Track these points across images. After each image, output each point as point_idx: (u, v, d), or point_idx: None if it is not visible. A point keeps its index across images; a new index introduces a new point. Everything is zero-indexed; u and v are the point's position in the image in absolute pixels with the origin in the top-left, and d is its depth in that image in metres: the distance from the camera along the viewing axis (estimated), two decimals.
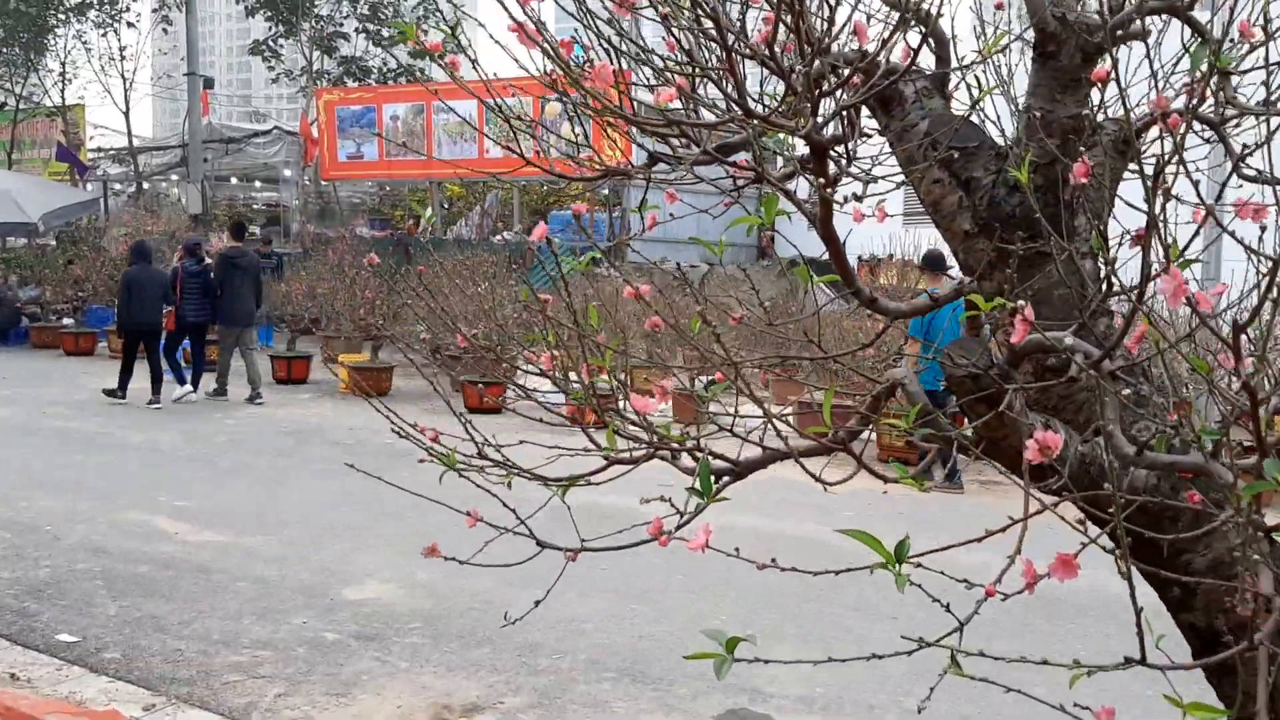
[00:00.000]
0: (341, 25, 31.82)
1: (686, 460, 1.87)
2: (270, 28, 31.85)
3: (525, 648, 5.73)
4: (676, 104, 1.82)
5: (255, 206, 33.95)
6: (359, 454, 11.21)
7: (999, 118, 1.97)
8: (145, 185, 32.21)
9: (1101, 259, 1.41)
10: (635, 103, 1.95)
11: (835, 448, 1.66)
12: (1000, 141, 1.83)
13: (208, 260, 15.30)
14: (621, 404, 2.07)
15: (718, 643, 1.44)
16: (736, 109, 1.50)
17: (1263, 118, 1.70)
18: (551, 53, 1.70)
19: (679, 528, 1.80)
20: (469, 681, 5.32)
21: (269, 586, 6.71)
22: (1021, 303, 1.34)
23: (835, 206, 1.43)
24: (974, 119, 1.79)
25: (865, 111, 2.02)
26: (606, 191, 26.33)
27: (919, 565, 1.48)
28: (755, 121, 1.44)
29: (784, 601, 6.50)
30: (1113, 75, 1.63)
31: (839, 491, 1.96)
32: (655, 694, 5.22)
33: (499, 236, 25.46)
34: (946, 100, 1.88)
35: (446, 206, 28.61)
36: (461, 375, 15.14)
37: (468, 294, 16.16)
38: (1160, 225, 1.32)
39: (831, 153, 1.32)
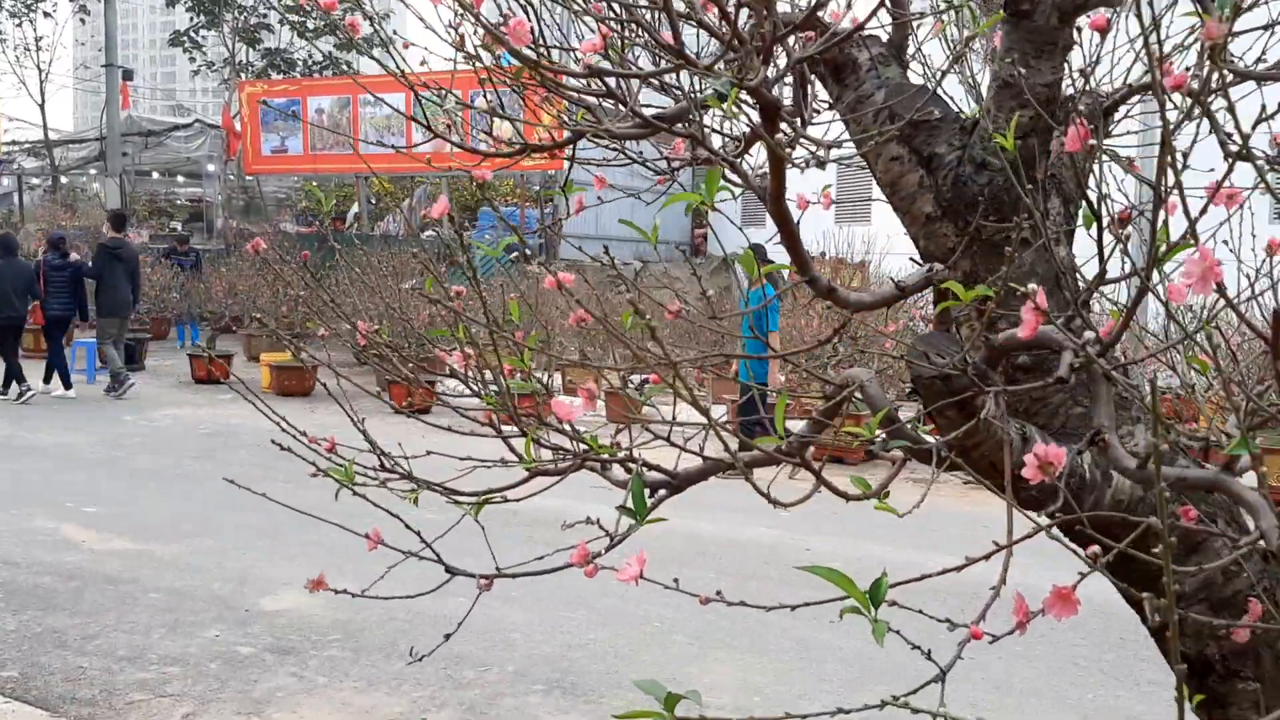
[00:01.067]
0: (265, 16, 31.15)
1: (618, 471, 1.66)
2: (192, 19, 31.10)
3: (450, 660, 5.48)
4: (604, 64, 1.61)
5: (177, 202, 33.14)
6: (281, 458, 10.83)
7: (955, 96, 1.78)
8: (63, 180, 31.28)
9: (1102, 238, 1.23)
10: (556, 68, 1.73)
11: (786, 459, 1.46)
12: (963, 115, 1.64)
13: (74, 255, 14.84)
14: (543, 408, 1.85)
15: (655, 698, 1.24)
16: (672, 58, 1.28)
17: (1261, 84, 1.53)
18: (463, 9, 1.47)
19: (609, 548, 1.59)
20: (391, 697, 5.06)
21: (180, 598, 6.38)
22: (1033, 287, 1.15)
23: (793, 175, 1.23)
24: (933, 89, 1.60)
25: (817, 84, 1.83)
26: (538, 187, 26.04)
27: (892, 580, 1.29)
28: (693, 75, 1.24)
29: (721, 605, 6.31)
30: (1092, 39, 1.45)
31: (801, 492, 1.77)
32: (587, 707, 5.00)
33: (427, 232, 25.05)
34: (904, 68, 1.69)
35: (374, 202, 28.13)
36: (388, 374, 14.78)
37: (395, 290, 15.80)
38: (1157, 204, 1.14)
39: (784, 116, 1.13)
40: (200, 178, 29.63)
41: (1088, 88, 1.68)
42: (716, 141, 2.19)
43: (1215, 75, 1.24)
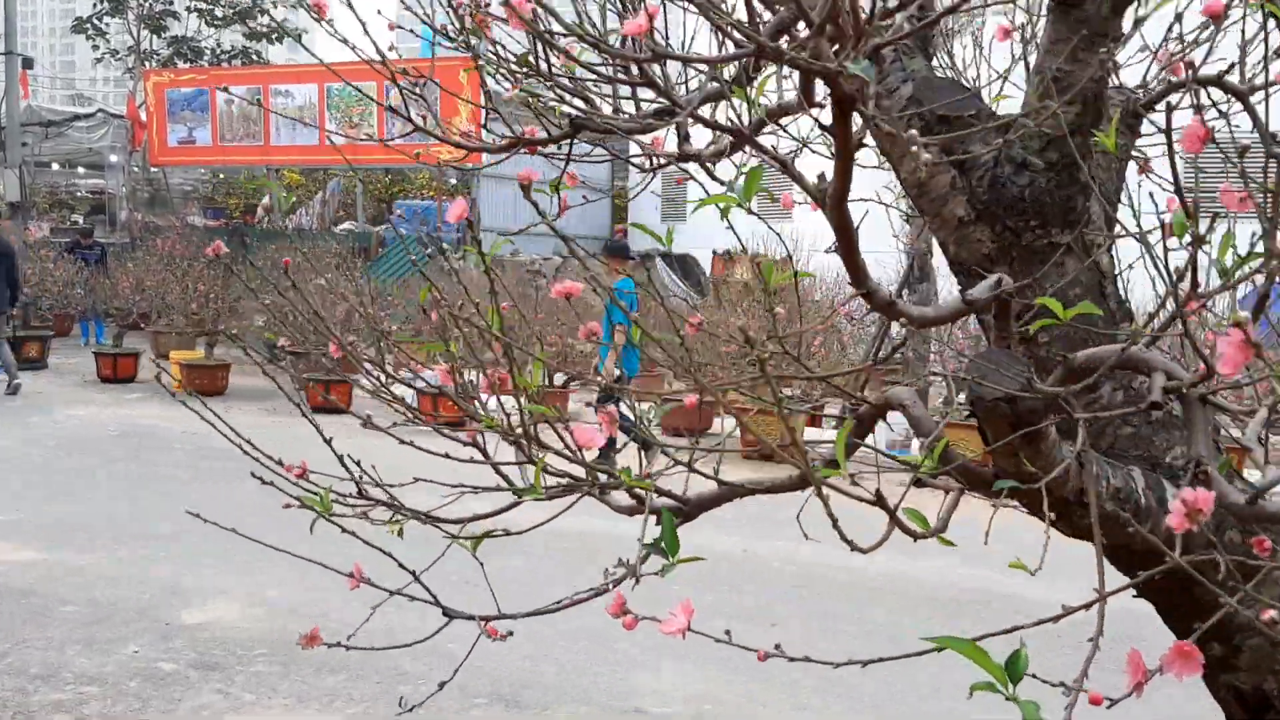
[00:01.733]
0: (171, 3, 30.26)
1: (620, 498, 1.52)
2: (95, 5, 30.07)
3: (386, 674, 5.28)
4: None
5: (79, 194, 32.07)
6: (197, 459, 10.48)
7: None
8: None
9: (1198, 245, 1.11)
10: (553, 57, 1.59)
11: (863, 499, 1.32)
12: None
13: None
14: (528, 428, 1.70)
15: None
16: (742, 41, 1.14)
17: None
18: None
19: (619, 581, 1.44)
20: (324, 715, 4.85)
21: (98, 610, 6.07)
22: (1245, 315, 1.02)
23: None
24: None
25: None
26: (454, 181, 25.69)
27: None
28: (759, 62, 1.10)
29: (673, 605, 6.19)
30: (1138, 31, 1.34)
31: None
32: (531, 717, 4.85)
33: (342, 226, 24.56)
34: (929, 59, 1.57)
35: (285, 194, 27.50)
36: (305, 374, 14.42)
37: (310, 287, 15.40)
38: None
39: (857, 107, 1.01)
40: (102, 169, 28.67)
41: (1121, 85, 1.59)
42: (701, 140, 2.06)
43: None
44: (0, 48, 25.98)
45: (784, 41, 1.20)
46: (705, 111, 1.74)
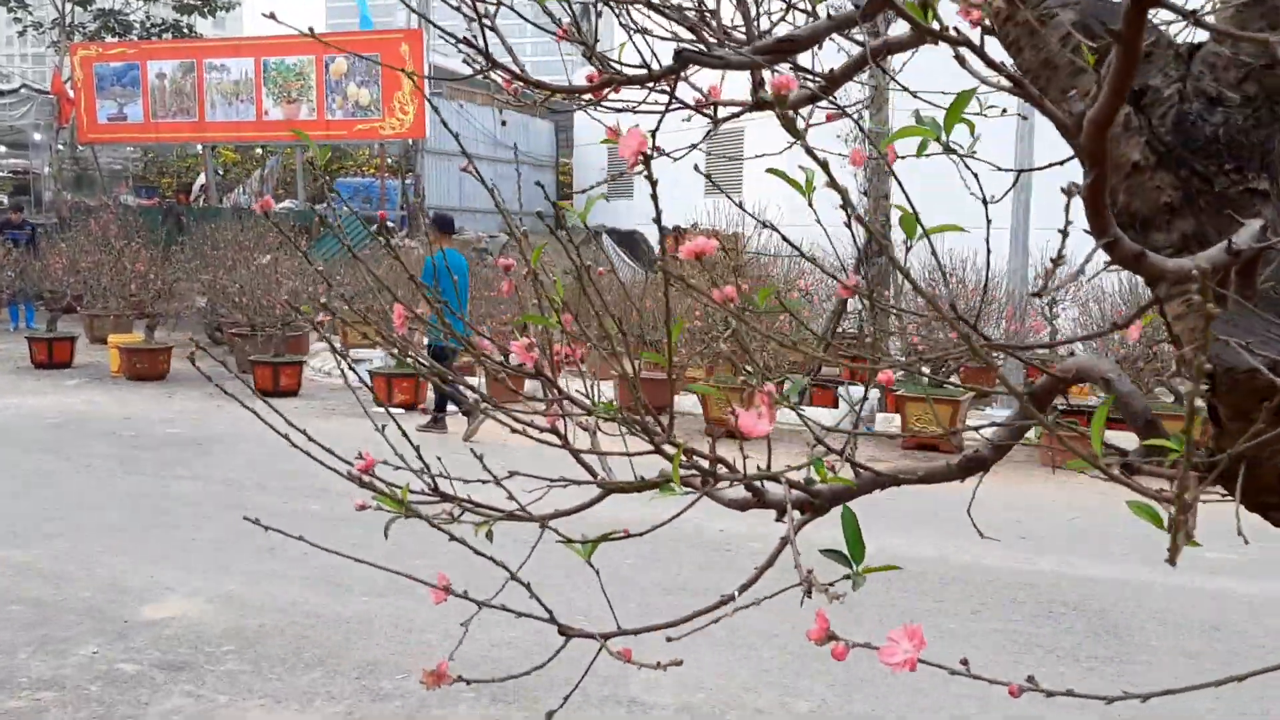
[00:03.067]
0: None
1: (735, 491, 1.31)
2: None
3: (363, 668, 5.03)
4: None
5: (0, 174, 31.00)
6: (139, 447, 10.08)
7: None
8: None
9: None
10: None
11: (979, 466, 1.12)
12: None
13: None
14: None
15: None
16: None
17: None
18: None
19: (745, 601, 1.22)
20: (304, 715, 4.59)
21: (46, 610, 5.73)
22: None
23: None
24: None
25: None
26: (392, 160, 25.18)
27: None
28: None
29: (655, 593, 6.00)
30: None
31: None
32: (523, 714, 4.63)
33: (281, 205, 23.97)
34: None
35: (221, 173, 26.81)
36: (252, 355, 13.99)
37: (251, 267, 14.93)
38: None
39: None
40: (26, 148, 27.72)
41: None
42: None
43: None
44: None
45: None
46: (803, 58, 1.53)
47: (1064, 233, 1.21)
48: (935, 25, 1.05)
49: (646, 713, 4.63)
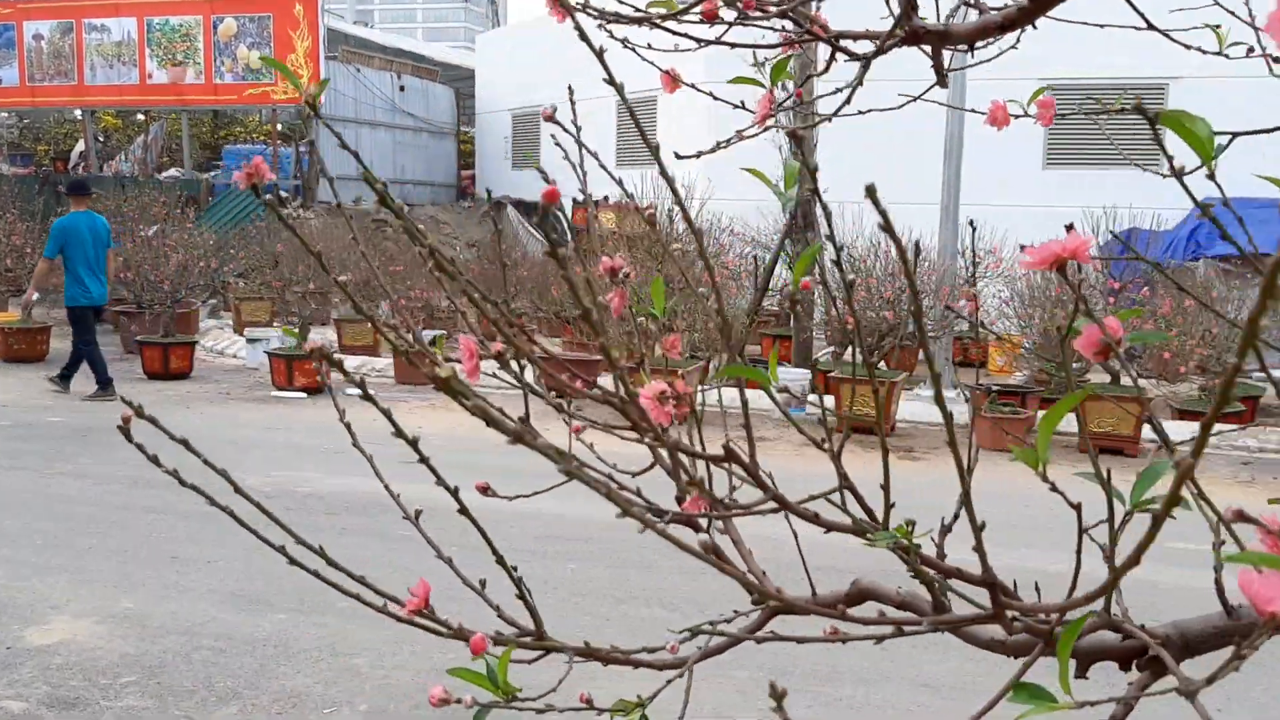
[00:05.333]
0: None
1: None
2: None
3: (285, 700, 4.48)
4: None
5: None
6: (19, 438, 9.26)
7: None
8: None
9: None
10: None
11: None
12: None
13: None
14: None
15: None
16: None
17: None
18: None
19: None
20: None
21: None
22: None
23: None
24: None
25: None
26: (281, 126, 24.13)
27: None
28: None
29: (609, 602, 5.53)
30: None
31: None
32: None
33: (166, 174, 22.81)
34: None
35: (101, 140, 25.43)
36: (139, 335, 13.12)
37: (136, 240, 14.02)
38: None
39: None
40: None
41: None
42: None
43: None
44: None
45: None
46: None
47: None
48: None
49: None
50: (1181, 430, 10.24)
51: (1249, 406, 11.26)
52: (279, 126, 23.89)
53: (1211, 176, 0.89)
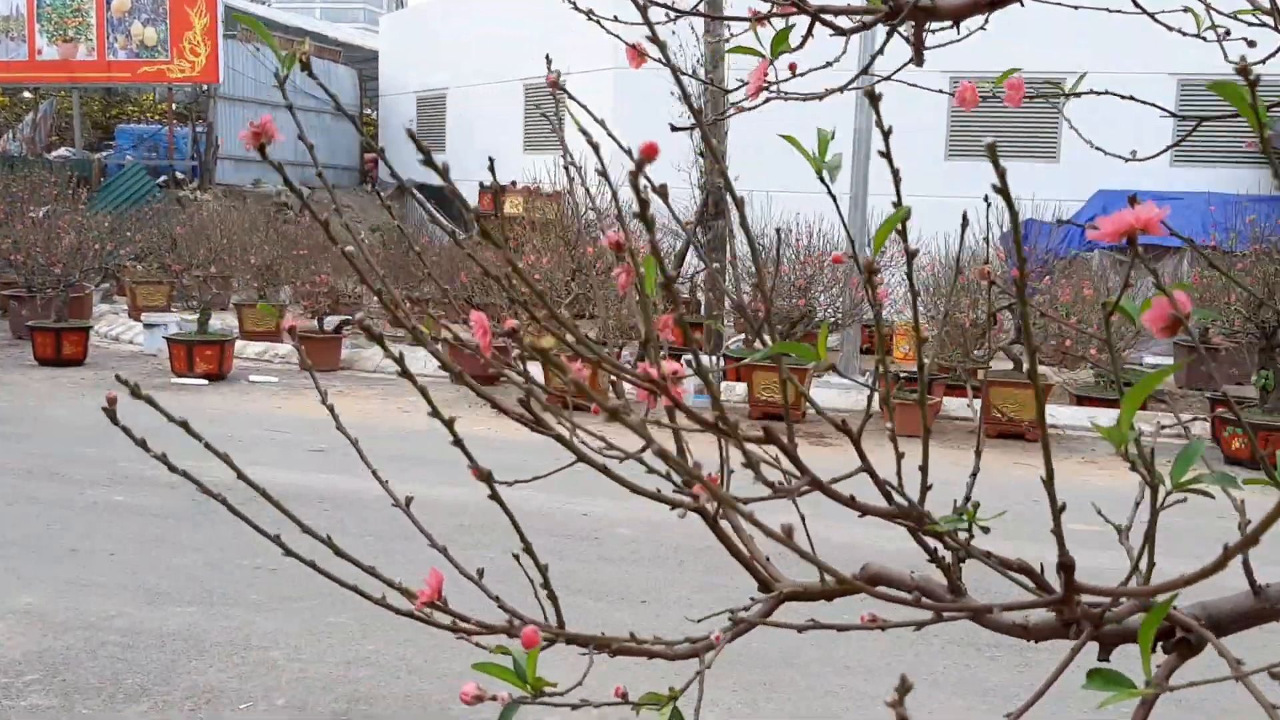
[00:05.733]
0: None
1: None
2: None
3: (199, 696, 4.34)
4: None
5: None
6: None
7: None
8: None
9: None
10: None
11: None
12: None
13: None
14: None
15: None
16: None
17: None
18: None
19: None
20: None
21: None
22: None
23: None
24: None
25: None
26: (176, 105, 23.46)
27: None
28: None
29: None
30: None
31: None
32: None
33: (56, 153, 22.01)
34: None
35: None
36: (30, 319, 12.63)
37: (26, 221, 13.48)
38: None
39: None
40: None
41: None
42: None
43: None
44: None
45: None
46: None
47: None
48: None
49: None
50: (1078, 415, 10.54)
51: None
52: (175, 105, 23.22)
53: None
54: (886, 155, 0.93)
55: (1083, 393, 11.38)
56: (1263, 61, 1.34)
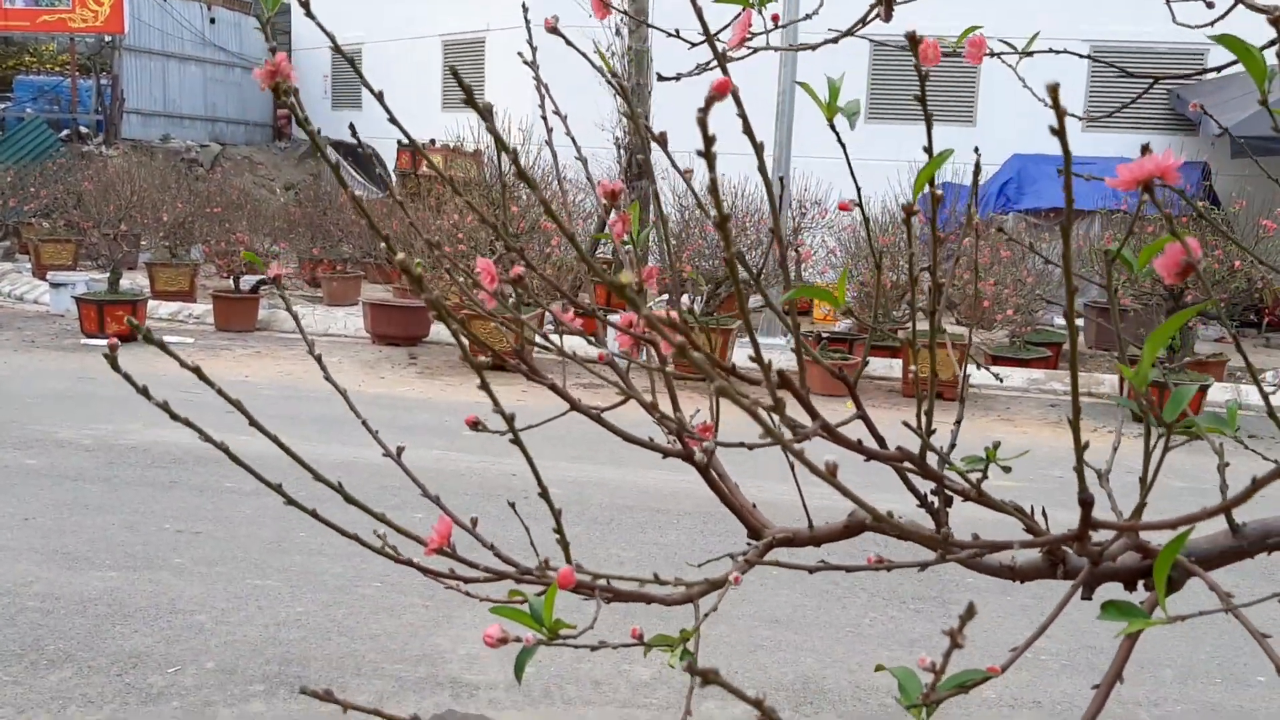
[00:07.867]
0: None
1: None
2: None
3: (124, 661, 4.26)
4: None
5: None
6: None
7: None
8: None
9: None
10: None
11: None
12: None
13: None
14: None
15: None
16: None
17: None
18: None
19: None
20: None
21: None
22: None
23: None
24: None
25: None
26: (79, 57, 22.69)
27: None
28: None
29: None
30: None
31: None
32: (329, 708, 4.02)
33: None
34: None
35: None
36: None
37: None
38: None
39: None
40: None
41: None
42: None
43: None
44: None
45: None
46: None
47: None
48: None
49: (473, 694, 4.13)
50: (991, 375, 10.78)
51: (1054, 352, 11.90)
52: (77, 57, 22.45)
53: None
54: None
55: (998, 353, 11.62)
56: (1223, 17, 1.37)
